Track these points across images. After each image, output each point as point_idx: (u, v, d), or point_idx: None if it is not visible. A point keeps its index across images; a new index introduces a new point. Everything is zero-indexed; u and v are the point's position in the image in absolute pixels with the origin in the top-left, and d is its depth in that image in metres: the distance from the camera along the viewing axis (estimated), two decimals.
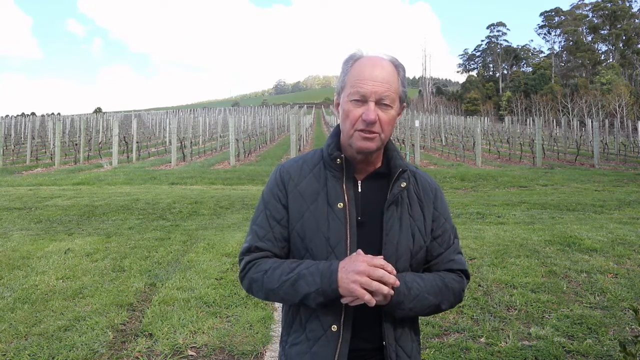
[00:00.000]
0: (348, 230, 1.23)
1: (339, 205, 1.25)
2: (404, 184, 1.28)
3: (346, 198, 1.25)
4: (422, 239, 1.29)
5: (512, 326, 3.44)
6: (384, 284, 1.12)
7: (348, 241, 1.22)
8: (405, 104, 1.30)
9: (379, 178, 1.30)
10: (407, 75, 1.31)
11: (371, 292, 1.12)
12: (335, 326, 1.21)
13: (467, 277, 1.36)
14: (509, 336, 3.29)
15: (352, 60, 1.26)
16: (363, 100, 1.21)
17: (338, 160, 1.27)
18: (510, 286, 4.22)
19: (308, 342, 1.25)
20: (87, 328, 3.42)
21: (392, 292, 1.14)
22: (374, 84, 1.20)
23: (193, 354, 3.13)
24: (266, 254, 1.29)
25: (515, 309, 3.76)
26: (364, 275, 1.11)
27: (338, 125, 1.33)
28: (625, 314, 3.61)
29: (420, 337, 1.39)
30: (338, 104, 1.30)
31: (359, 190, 1.30)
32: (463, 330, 3.40)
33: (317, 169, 1.32)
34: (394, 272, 1.14)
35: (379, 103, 1.21)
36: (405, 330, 1.28)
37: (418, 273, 1.28)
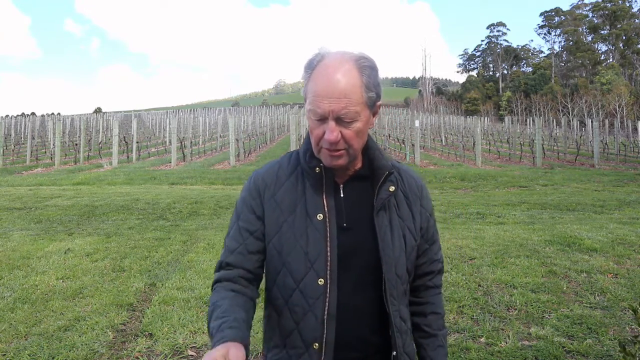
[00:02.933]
0: (328, 243, 1.15)
1: (318, 217, 1.17)
2: (392, 188, 1.21)
3: (326, 208, 1.18)
4: (412, 239, 1.25)
5: (512, 326, 3.44)
6: None
7: (329, 254, 1.15)
8: (379, 103, 1.17)
9: (362, 180, 1.23)
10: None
11: None
12: (317, 344, 1.15)
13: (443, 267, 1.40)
14: (509, 336, 3.29)
15: (310, 69, 1.13)
16: (322, 119, 1.10)
17: (317, 169, 1.18)
18: (510, 286, 4.22)
19: (290, 358, 1.19)
20: (87, 328, 3.42)
21: None
22: (330, 102, 1.07)
23: (193, 354, 3.13)
24: (233, 275, 1.20)
25: (515, 309, 3.76)
26: None
27: None
28: (625, 314, 3.61)
29: None
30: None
31: (341, 195, 1.21)
32: (463, 330, 3.40)
33: (294, 176, 1.23)
34: None
35: (339, 120, 1.09)
36: (408, 335, 1.26)
37: (440, 352, 1.31)
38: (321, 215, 1.17)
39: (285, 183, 1.22)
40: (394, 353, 1.20)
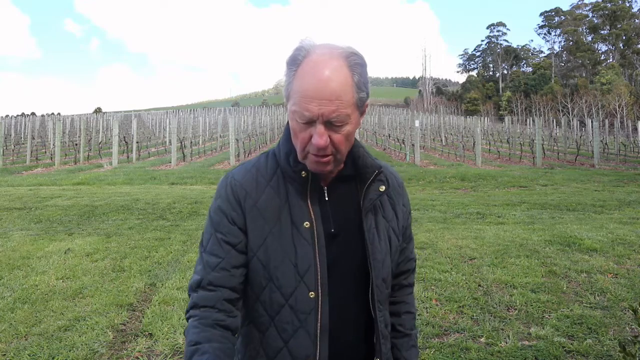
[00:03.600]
0: (317, 252, 1.08)
1: (305, 225, 1.09)
2: (382, 188, 1.14)
3: (312, 215, 1.10)
4: (397, 239, 1.20)
5: (512, 326, 3.44)
6: None
7: (318, 265, 1.07)
8: (367, 103, 1.09)
9: (346, 181, 1.15)
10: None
11: None
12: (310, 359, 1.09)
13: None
14: (509, 336, 3.29)
15: (295, 65, 1.02)
16: (309, 122, 1.01)
17: (303, 173, 1.09)
18: (510, 286, 4.22)
19: None
20: (87, 328, 3.42)
21: None
22: (320, 104, 0.98)
23: None
24: (215, 300, 1.08)
25: (515, 309, 3.76)
26: None
27: None
28: (625, 314, 3.61)
29: (420, 337, 1.39)
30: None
31: (326, 198, 1.13)
32: (463, 330, 3.40)
33: (274, 181, 1.13)
34: None
35: (328, 124, 1.01)
36: (388, 340, 1.22)
37: (413, 352, 1.28)
38: (308, 223, 1.09)
39: (266, 189, 1.12)
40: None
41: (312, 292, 1.07)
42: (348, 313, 1.13)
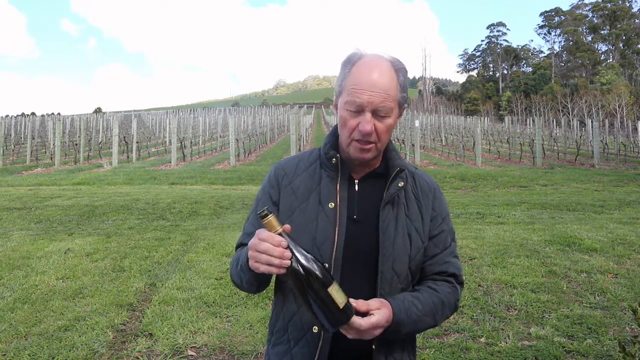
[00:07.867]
0: (336, 230, 1.21)
1: (330, 205, 1.23)
2: (401, 184, 1.26)
3: (338, 198, 1.23)
4: (419, 240, 1.26)
5: (512, 326, 3.44)
6: (272, 255, 1.05)
7: (335, 241, 1.20)
8: (406, 105, 1.27)
9: (377, 178, 1.28)
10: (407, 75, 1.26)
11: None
12: (317, 327, 1.20)
13: (461, 283, 1.32)
14: (509, 336, 3.29)
15: (350, 64, 1.21)
16: (359, 111, 1.17)
17: (334, 160, 1.25)
18: (510, 286, 4.22)
19: (289, 342, 1.25)
20: (87, 328, 3.42)
21: (285, 262, 1.05)
22: (371, 94, 1.15)
23: (193, 354, 3.13)
24: None
25: (515, 309, 3.76)
26: (253, 249, 1.08)
27: (337, 125, 1.30)
28: (625, 314, 3.61)
29: (420, 337, 1.37)
30: (337, 105, 1.26)
31: (356, 189, 1.27)
32: (463, 330, 3.40)
33: (312, 167, 1.30)
34: (282, 243, 1.05)
35: (375, 113, 1.17)
36: (396, 341, 1.24)
37: (415, 294, 1.23)
38: (332, 204, 1.23)
39: (303, 173, 1.30)
40: (373, 346, 1.21)
41: (326, 264, 1.19)
42: (358, 294, 1.17)
